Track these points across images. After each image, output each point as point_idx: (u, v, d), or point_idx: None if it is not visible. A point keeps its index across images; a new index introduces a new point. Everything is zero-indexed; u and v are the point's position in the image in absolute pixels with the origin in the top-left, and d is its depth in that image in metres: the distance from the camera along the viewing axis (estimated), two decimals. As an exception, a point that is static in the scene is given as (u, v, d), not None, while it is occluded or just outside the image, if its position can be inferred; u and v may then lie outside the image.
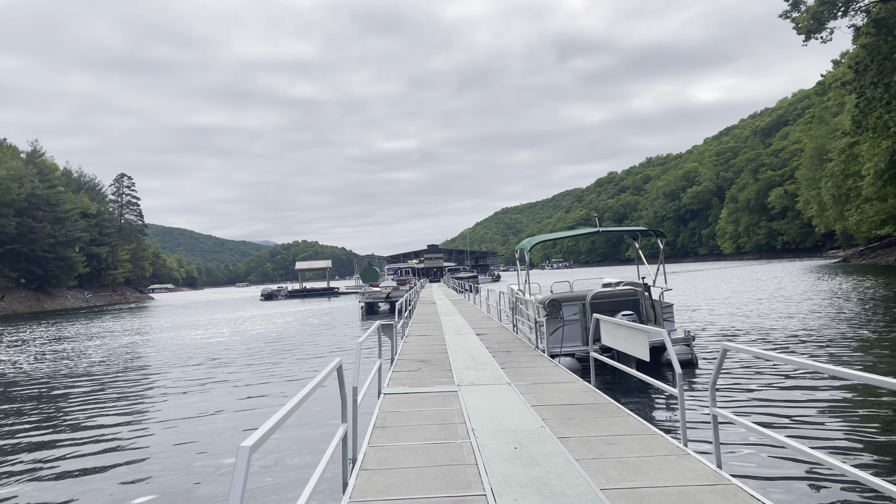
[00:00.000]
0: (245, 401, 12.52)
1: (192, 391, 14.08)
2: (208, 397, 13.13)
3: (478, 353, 12.09)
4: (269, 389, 13.44)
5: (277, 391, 13.11)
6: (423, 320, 21.11)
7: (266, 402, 12.06)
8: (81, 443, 10.00)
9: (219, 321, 39.63)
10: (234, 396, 13.00)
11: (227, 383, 14.75)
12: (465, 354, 11.89)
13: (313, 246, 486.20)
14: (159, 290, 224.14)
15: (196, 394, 13.67)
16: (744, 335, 17.04)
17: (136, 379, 16.55)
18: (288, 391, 12.86)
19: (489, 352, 12.13)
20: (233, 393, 13.42)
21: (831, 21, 47.28)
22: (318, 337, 24.56)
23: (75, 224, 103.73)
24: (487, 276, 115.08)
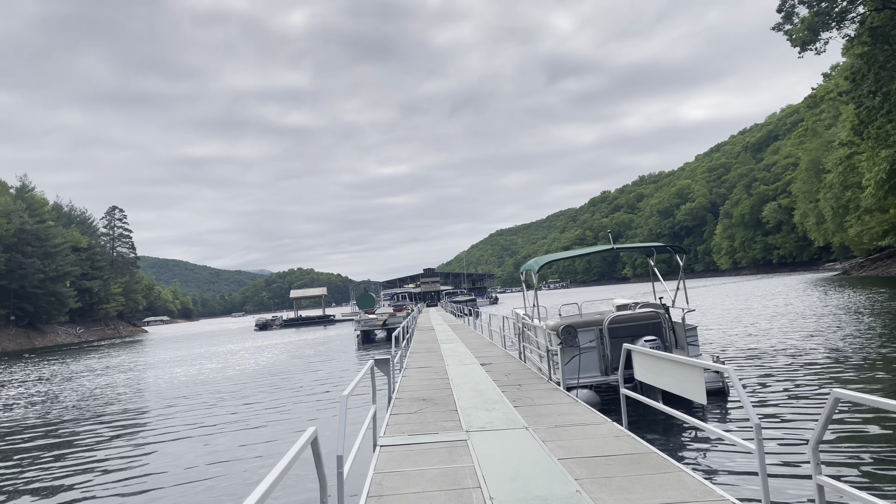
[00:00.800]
0: (213, 466, 10.66)
1: (152, 449, 12.31)
2: (164, 461, 11.14)
3: (485, 387, 10.87)
4: (243, 453, 11.31)
5: (251, 456, 11.06)
6: (423, 349, 19.86)
7: (234, 474, 10.00)
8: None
9: (208, 355, 38.19)
10: (201, 458, 11.13)
11: (196, 440, 12.65)
12: (471, 389, 10.66)
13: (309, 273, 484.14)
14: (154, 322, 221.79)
15: (154, 456, 11.76)
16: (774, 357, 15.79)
17: (98, 431, 14.81)
18: (265, 457, 10.89)
19: (497, 385, 10.91)
20: (200, 454, 11.48)
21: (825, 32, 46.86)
22: (309, 372, 23.11)
23: (66, 258, 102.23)
24: (485, 298, 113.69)
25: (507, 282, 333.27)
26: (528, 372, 12.52)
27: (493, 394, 10.08)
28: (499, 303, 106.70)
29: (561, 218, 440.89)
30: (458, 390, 10.67)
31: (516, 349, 16.93)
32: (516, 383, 11.07)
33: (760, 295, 46.98)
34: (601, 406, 10.60)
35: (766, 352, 16.62)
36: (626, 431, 6.90)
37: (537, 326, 12.63)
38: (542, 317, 13.13)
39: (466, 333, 25.98)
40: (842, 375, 12.64)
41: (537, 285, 12.75)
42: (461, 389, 10.74)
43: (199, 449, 11.73)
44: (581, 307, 16.37)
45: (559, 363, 10.24)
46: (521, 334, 14.62)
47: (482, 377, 12.10)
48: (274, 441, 11.65)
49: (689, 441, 9.10)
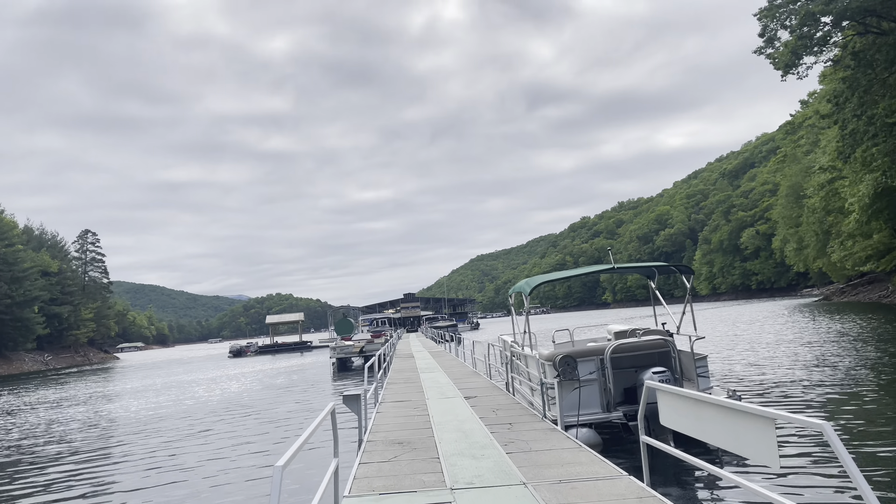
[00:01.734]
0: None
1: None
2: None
3: (471, 426, 9.46)
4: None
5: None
6: (401, 379, 18.37)
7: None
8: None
9: (172, 385, 36.18)
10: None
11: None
12: (455, 430, 9.25)
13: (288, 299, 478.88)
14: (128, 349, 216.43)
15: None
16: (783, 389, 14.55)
17: (29, 477, 13.17)
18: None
19: (485, 424, 9.52)
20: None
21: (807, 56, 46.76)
22: (278, 405, 21.28)
23: (34, 283, 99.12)
24: (466, 323, 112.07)
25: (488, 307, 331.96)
26: (518, 407, 11.13)
27: (480, 435, 8.69)
28: (480, 328, 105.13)
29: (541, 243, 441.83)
30: (439, 430, 9.25)
31: (503, 379, 15.54)
32: (506, 421, 9.68)
33: (747, 321, 46.07)
34: (603, 448, 9.25)
35: (780, 383, 15.16)
36: (651, 491, 5.55)
37: (529, 356, 11.28)
38: (533, 344, 11.79)
39: (448, 361, 24.53)
40: (880, 411, 11.42)
41: (528, 309, 11.43)
42: (443, 429, 9.32)
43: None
44: (573, 334, 15.06)
45: (556, 399, 8.89)
46: (510, 364, 13.25)
47: (467, 414, 10.69)
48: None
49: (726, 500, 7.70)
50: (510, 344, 13.69)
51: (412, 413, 11.22)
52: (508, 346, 13.79)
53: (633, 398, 9.83)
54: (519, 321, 13.08)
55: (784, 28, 46.21)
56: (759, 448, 3.81)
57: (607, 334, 13.94)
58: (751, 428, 3.85)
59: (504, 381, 14.77)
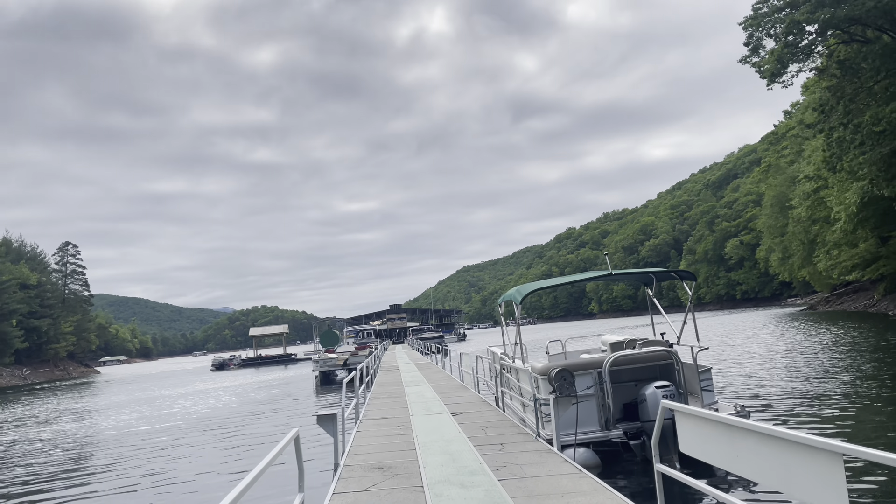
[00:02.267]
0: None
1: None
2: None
3: (458, 447, 8.71)
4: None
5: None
6: (385, 393, 17.56)
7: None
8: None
9: (146, 401, 35.02)
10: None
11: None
12: (442, 451, 8.49)
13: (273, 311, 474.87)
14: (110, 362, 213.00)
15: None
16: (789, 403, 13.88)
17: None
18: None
19: (474, 444, 8.76)
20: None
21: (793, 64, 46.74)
22: (252, 423, 20.16)
23: (12, 296, 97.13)
24: (453, 335, 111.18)
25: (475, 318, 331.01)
26: (509, 425, 10.39)
27: (469, 458, 7.93)
28: (467, 339, 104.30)
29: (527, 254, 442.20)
30: (424, 453, 8.48)
31: (492, 393, 14.78)
32: (497, 441, 8.93)
33: (735, 330, 45.66)
34: (601, 470, 8.54)
35: (784, 397, 14.28)
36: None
37: (521, 369, 10.55)
38: (524, 356, 11.06)
39: (434, 374, 23.74)
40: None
41: (520, 319, 10.70)
42: (429, 451, 8.55)
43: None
44: (565, 345, 14.37)
45: (552, 416, 8.17)
46: (500, 377, 12.50)
47: (454, 433, 9.93)
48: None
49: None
50: (500, 356, 12.95)
51: (395, 432, 10.44)
52: (498, 358, 13.05)
53: (633, 414, 9.14)
54: (509, 332, 12.36)
55: (769, 37, 46.21)
56: (820, 490, 3.06)
57: (601, 345, 13.25)
58: (809, 464, 3.11)
59: (493, 396, 14.03)
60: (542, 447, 8.33)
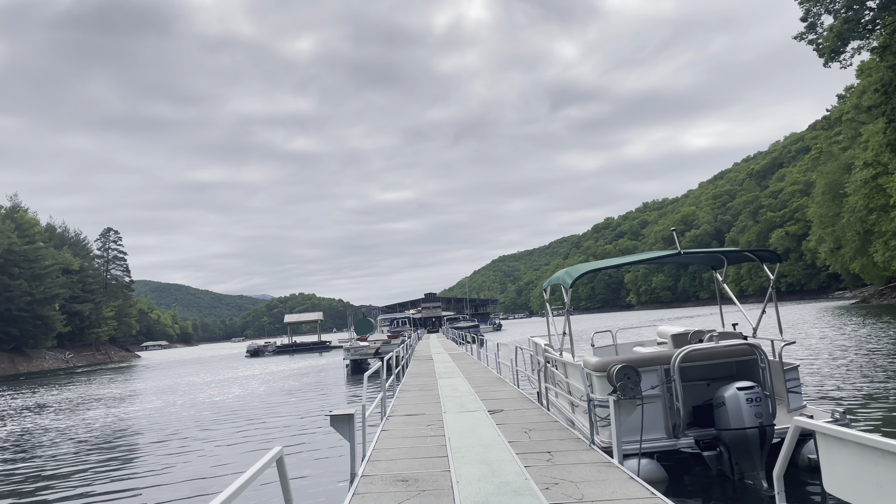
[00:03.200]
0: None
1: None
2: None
3: (498, 455, 7.37)
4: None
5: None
6: (416, 385, 16.32)
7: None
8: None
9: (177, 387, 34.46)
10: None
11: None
12: (478, 460, 7.16)
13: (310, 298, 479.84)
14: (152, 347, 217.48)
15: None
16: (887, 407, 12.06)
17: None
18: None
19: (516, 453, 7.42)
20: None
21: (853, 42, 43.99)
22: (274, 414, 18.82)
23: (55, 280, 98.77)
24: (488, 325, 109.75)
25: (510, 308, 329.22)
26: (555, 427, 9.00)
27: (511, 471, 6.58)
28: (503, 329, 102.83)
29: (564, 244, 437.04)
30: (458, 461, 7.16)
31: (533, 388, 13.41)
32: (543, 449, 7.57)
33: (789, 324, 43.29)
34: (667, 485, 7.12)
35: (874, 399, 12.39)
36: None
37: (570, 363, 9.13)
38: (572, 347, 9.64)
39: (469, 365, 22.44)
40: None
41: (570, 306, 9.28)
42: (463, 459, 7.23)
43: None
44: (615, 336, 12.89)
45: (611, 421, 6.77)
46: (543, 371, 11.10)
47: (492, 436, 8.58)
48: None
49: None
50: (543, 347, 11.54)
51: (425, 433, 9.14)
52: (542, 350, 11.64)
53: (704, 419, 7.68)
54: (557, 322, 10.94)
55: (828, 12, 43.56)
56: None
57: (658, 337, 11.74)
58: None
59: (535, 391, 12.65)
60: (598, 458, 6.94)
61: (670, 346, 9.96)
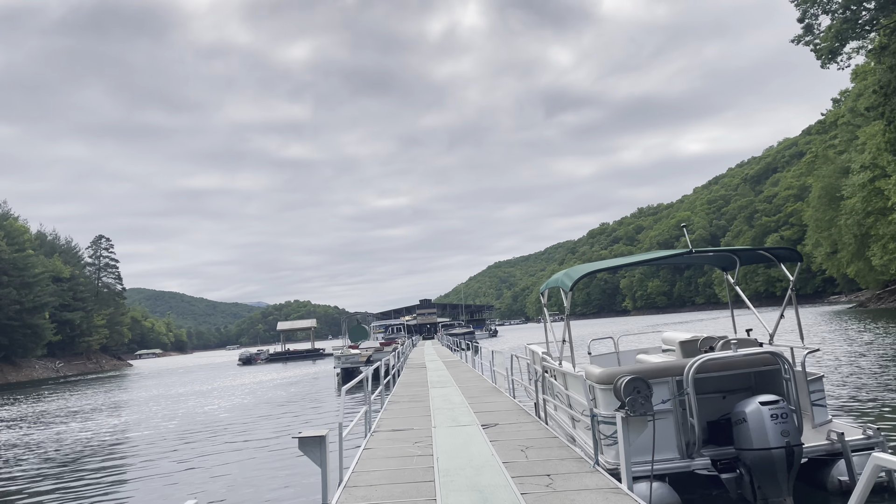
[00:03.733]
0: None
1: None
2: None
3: (491, 479, 6.55)
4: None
5: None
6: (406, 396, 15.50)
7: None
8: None
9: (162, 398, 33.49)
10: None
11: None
12: (469, 485, 6.34)
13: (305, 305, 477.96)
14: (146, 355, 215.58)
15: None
16: None
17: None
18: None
19: (512, 476, 6.60)
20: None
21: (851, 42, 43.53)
22: (253, 430, 17.75)
23: (45, 288, 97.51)
24: (484, 331, 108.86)
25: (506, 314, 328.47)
26: (555, 444, 8.20)
27: (505, 499, 5.77)
28: (498, 335, 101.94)
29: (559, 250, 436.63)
30: (445, 487, 6.34)
31: (531, 399, 12.60)
32: (542, 471, 6.75)
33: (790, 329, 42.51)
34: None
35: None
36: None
37: (570, 374, 8.32)
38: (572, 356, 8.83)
39: (463, 373, 21.61)
40: None
41: (569, 312, 8.48)
42: (451, 486, 6.40)
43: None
44: (617, 343, 12.10)
45: (619, 440, 5.97)
46: (541, 382, 10.29)
47: (485, 455, 7.77)
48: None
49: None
50: (541, 356, 10.73)
51: (411, 452, 8.32)
52: (539, 358, 10.83)
53: (720, 437, 6.89)
54: (555, 329, 10.13)
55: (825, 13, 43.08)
56: None
57: (664, 345, 10.96)
58: None
59: (532, 402, 11.84)
60: (603, 482, 6.13)
61: (678, 354, 9.17)
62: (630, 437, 5.96)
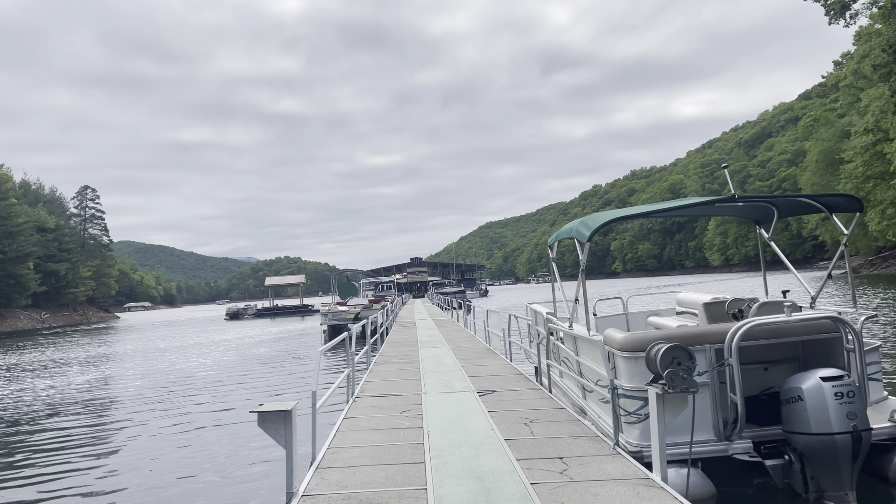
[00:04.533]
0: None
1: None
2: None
3: (493, 462, 5.49)
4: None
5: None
6: (395, 357, 14.47)
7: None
8: None
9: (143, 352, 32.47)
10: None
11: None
12: (466, 470, 5.28)
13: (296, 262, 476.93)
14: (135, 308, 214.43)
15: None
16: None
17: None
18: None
19: (517, 458, 5.55)
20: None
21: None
22: (229, 391, 16.67)
23: (29, 238, 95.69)
24: (474, 290, 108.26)
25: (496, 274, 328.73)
26: (563, 417, 7.15)
27: (512, 492, 4.70)
28: (489, 295, 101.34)
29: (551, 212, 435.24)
30: (439, 473, 5.26)
31: (530, 361, 11.59)
32: (552, 452, 5.70)
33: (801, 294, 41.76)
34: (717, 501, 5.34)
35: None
36: None
37: (583, 338, 7.22)
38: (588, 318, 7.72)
39: (455, 333, 20.63)
40: None
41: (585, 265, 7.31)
42: (446, 470, 5.33)
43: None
44: (626, 304, 11.02)
45: (654, 424, 4.91)
46: (545, 345, 9.20)
47: (484, 430, 6.71)
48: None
49: None
50: (546, 317, 9.62)
51: (398, 423, 7.25)
52: (543, 319, 9.73)
53: (761, 415, 5.84)
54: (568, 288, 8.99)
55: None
56: None
57: (678, 307, 9.88)
58: None
59: (533, 366, 10.81)
60: (630, 470, 5.08)
61: (703, 317, 8.10)
62: (664, 417, 4.88)
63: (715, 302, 8.07)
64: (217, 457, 9.38)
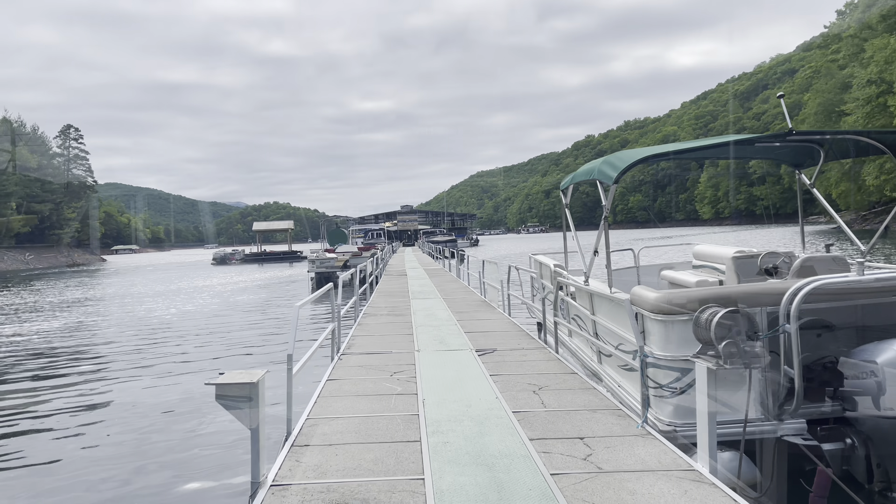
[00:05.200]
0: None
1: None
2: None
3: (501, 444, 4.63)
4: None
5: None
6: (385, 308, 13.59)
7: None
8: None
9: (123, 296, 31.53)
10: None
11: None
12: (470, 453, 4.42)
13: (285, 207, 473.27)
14: (122, 251, 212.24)
15: None
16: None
17: None
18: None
19: (529, 438, 4.70)
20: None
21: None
22: (209, 340, 15.86)
23: (10, 178, 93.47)
24: (465, 239, 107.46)
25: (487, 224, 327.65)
26: (576, 383, 6.30)
27: (529, 485, 3.83)
28: (479, 244, 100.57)
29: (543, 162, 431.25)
30: (437, 456, 4.39)
31: (531, 317, 10.74)
32: (571, 431, 4.84)
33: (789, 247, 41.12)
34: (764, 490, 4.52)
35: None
36: None
37: (602, 295, 6.30)
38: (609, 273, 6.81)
39: (448, 283, 19.78)
40: None
41: (609, 210, 6.34)
42: (446, 453, 4.46)
43: None
44: (638, 256, 10.10)
45: (701, 404, 4.03)
46: (554, 302, 8.29)
47: (488, 398, 5.85)
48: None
49: None
50: (554, 270, 8.69)
51: (388, 388, 6.37)
52: (551, 272, 8.80)
53: (814, 390, 4.98)
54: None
55: None
56: None
57: (695, 260, 8.94)
58: None
59: (535, 322, 9.95)
60: (668, 458, 4.23)
61: (730, 273, 7.18)
62: (717, 397, 4.00)
63: (745, 255, 7.14)
64: (171, 428, 8.28)
